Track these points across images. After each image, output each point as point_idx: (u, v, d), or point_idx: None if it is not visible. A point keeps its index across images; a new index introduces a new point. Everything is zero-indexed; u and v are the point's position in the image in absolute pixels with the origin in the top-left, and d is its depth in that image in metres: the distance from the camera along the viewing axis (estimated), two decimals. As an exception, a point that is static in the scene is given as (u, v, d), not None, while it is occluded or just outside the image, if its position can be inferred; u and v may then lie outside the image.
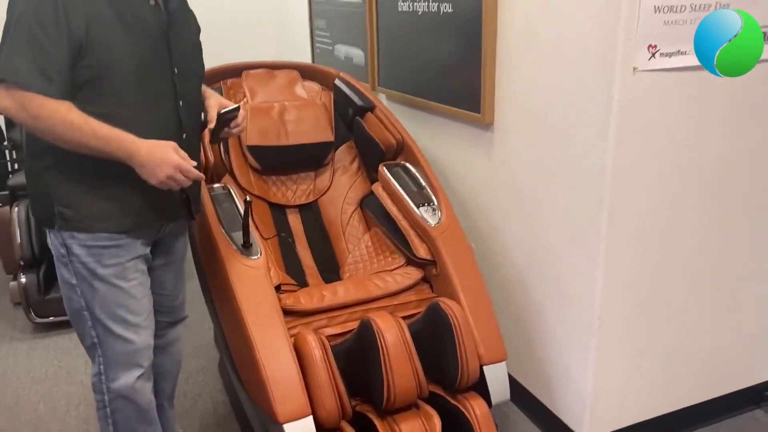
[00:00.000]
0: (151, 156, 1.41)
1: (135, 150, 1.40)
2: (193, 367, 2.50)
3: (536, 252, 2.03)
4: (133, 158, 1.41)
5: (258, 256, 1.84)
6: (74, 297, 1.54)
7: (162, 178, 1.42)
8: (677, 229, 1.86)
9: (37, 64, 1.33)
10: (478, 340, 1.85)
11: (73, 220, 1.48)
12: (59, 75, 1.36)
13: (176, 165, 1.43)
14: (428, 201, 2.12)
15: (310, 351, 1.68)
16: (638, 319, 1.89)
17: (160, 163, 1.41)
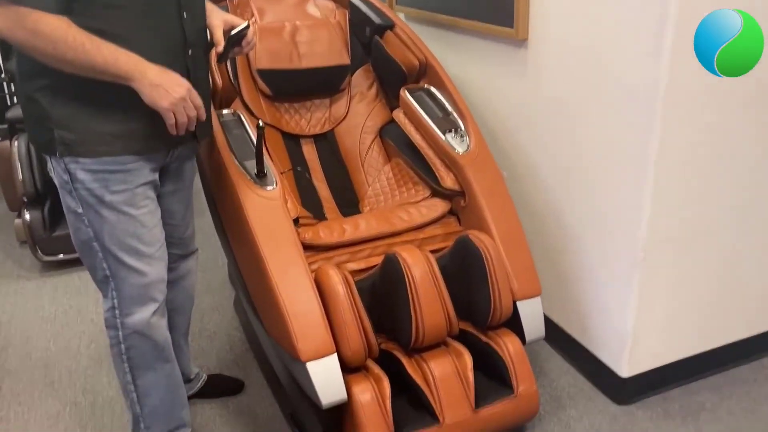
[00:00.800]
0: (162, 76, 1.31)
1: (144, 69, 1.29)
2: (207, 304, 2.41)
3: (574, 179, 1.88)
4: (143, 77, 1.29)
5: (273, 186, 1.70)
6: (82, 227, 1.42)
7: (174, 99, 1.31)
8: (732, 154, 1.70)
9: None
10: (510, 275, 1.74)
11: (74, 144, 1.35)
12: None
13: (189, 88, 1.34)
14: (455, 127, 1.97)
15: (333, 286, 1.57)
16: (685, 252, 1.76)
17: (173, 83, 1.32)
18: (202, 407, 1.87)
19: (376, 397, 1.55)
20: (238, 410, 1.87)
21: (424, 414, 1.61)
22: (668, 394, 1.92)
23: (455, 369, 1.64)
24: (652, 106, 1.55)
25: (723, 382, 1.97)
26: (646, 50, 1.53)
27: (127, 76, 1.28)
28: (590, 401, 1.90)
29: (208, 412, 1.86)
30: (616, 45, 1.61)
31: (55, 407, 1.89)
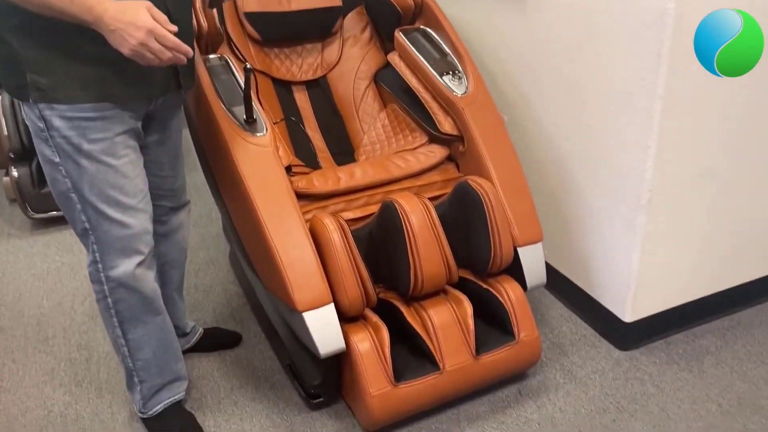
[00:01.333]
0: (118, 18, 1.17)
1: (101, 11, 1.17)
2: (202, 259, 2.37)
3: (577, 121, 1.81)
4: (99, 22, 1.17)
5: (264, 132, 1.64)
6: (59, 177, 1.35)
7: (133, 44, 1.18)
8: (743, 89, 1.62)
9: None
10: (511, 220, 1.69)
11: (48, 89, 1.27)
12: None
13: (150, 29, 1.18)
14: (453, 69, 1.89)
15: (328, 234, 1.52)
16: (692, 193, 1.70)
17: (129, 25, 1.17)
18: (200, 361, 1.85)
19: (375, 346, 1.52)
20: (236, 363, 1.85)
21: (424, 362, 1.58)
22: (672, 338, 1.89)
23: (455, 316, 1.61)
24: (659, 38, 1.47)
25: (727, 326, 1.94)
26: (654, -21, 1.44)
27: (83, 19, 1.17)
28: (593, 347, 1.87)
29: (206, 365, 1.83)
30: (622, -25, 1.53)
31: (49, 363, 1.86)
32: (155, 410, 1.59)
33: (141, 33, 1.18)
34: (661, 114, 1.53)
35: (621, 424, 1.61)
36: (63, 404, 1.71)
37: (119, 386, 1.75)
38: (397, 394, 1.51)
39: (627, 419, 1.62)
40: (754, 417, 1.62)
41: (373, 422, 1.53)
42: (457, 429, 1.60)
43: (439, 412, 1.64)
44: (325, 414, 1.66)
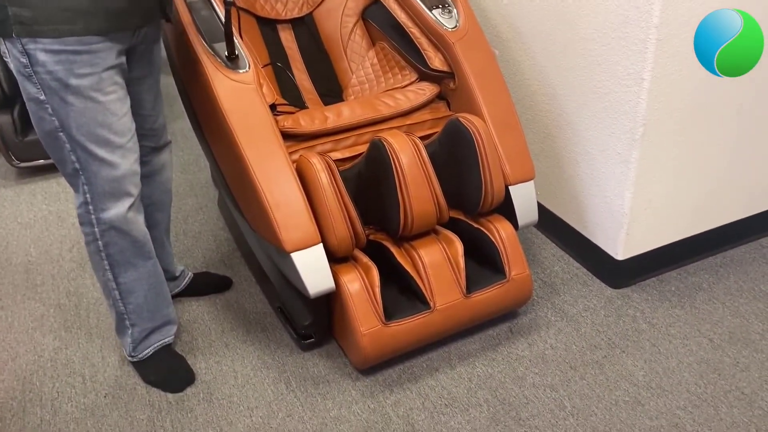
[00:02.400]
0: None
1: None
2: (191, 206, 2.33)
3: (570, 55, 1.75)
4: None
5: (246, 69, 1.58)
6: (45, 116, 1.31)
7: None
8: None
9: None
10: (503, 158, 1.66)
11: (32, 23, 1.21)
12: None
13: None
14: (442, 2, 1.83)
15: (316, 174, 1.49)
16: (686, 127, 1.67)
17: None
18: (190, 304, 1.84)
19: (364, 286, 1.51)
20: (227, 306, 1.84)
21: (414, 301, 1.57)
22: (664, 276, 1.89)
23: (445, 255, 1.59)
24: (657, -37, 1.41)
25: (720, 262, 1.94)
26: None
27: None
28: (585, 286, 1.86)
29: (196, 309, 1.83)
30: None
31: (38, 310, 1.85)
32: (145, 353, 1.58)
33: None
34: (656, 44, 1.48)
35: (612, 360, 1.61)
36: (53, 349, 1.71)
37: (109, 331, 1.75)
38: (387, 332, 1.51)
39: (618, 355, 1.63)
40: (744, 351, 1.63)
41: (364, 360, 1.53)
42: (447, 366, 1.60)
43: (430, 350, 1.65)
44: (316, 354, 1.66)
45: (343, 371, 1.60)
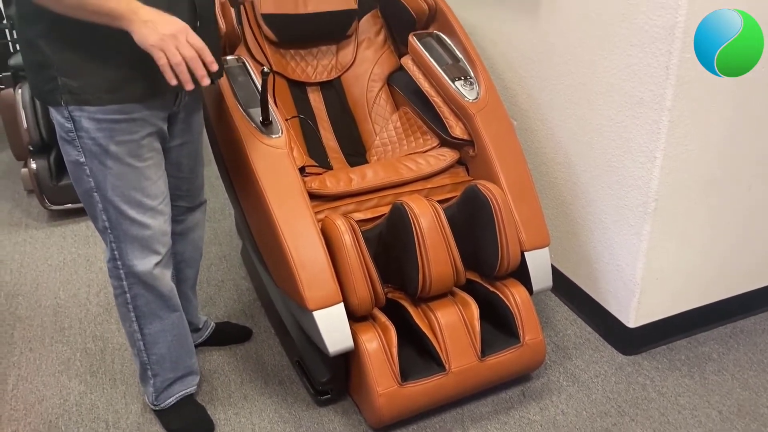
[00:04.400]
0: (156, 14, 1.20)
1: (136, 8, 1.20)
2: (214, 254, 2.41)
3: (585, 128, 1.84)
4: (135, 14, 1.19)
5: (279, 134, 1.67)
6: (83, 177, 1.39)
7: (163, 34, 1.19)
8: (748, 104, 1.64)
9: None
10: (519, 225, 1.72)
11: (79, 92, 1.30)
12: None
13: (184, 28, 1.22)
14: (465, 74, 1.92)
15: (340, 235, 1.56)
16: (697, 202, 1.73)
17: (164, 19, 1.20)
18: (211, 355, 1.89)
19: (382, 346, 1.56)
20: (246, 357, 1.89)
21: (430, 362, 1.62)
22: (675, 344, 1.92)
23: (462, 318, 1.65)
24: (668, 51, 1.49)
25: (730, 333, 1.97)
26: (665, -7, 1.47)
27: (118, 13, 1.19)
28: (596, 351, 1.90)
29: (217, 359, 1.88)
30: (634, -13, 1.55)
31: (65, 353, 1.91)
32: (167, 403, 1.63)
33: (174, 27, 1.20)
34: (668, 125, 1.56)
35: (622, 428, 1.64)
36: (78, 393, 1.76)
37: (132, 377, 1.80)
38: (403, 393, 1.55)
39: (628, 423, 1.65)
40: (753, 425, 1.65)
41: (379, 420, 1.57)
42: (460, 429, 1.64)
43: (443, 411, 1.68)
44: (332, 410, 1.70)
45: (357, 429, 1.64)
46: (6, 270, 2.34)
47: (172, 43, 1.20)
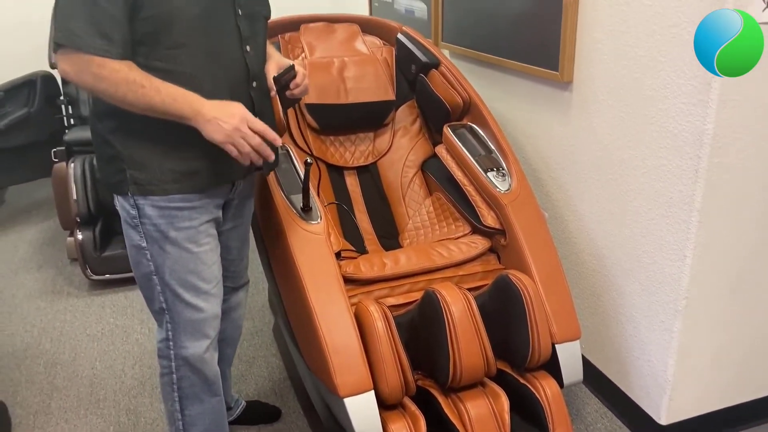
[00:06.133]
0: (216, 109, 1.32)
1: (199, 106, 1.31)
2: (247, 329, 2.46)
3: (616, 222, 1.88)
4: (199, 114, 1.31)
5: (318, 220, 1.75)
6: (143, 261, 1.47)
7: (228, 130, 1.31)
8: (778, 203, 1.68)
9: (94, 24, 1.24)
10: (550, 317, 1.74)
11: (146, 183, 1.39)
12: (118, 32, 1.27)
13: (243, 116, 1.33)
14: (497, 166, 1.99)
15: (373, 322, 1.59)
16: (728, 301, 1.73)
17: (225, 114, 1.32)
18: (240, 433, 1.91)
19: (411, 435, 1.57)
20: (275, 438, 1.91)
21: (459, 454, 1.61)
22: (708, 444, 1.88)
23: (491, 410, 1.64)
24: (697, 155, 1.55)
25: (766, 434, 1.93)
26: (694, 100, 1.53)
27: (183, 114, 1.31)
28: (627, 447, 1.87)
29: (246, 438, 1.90)
30: (663, 93, 1.62)
31: (99, 426, 1.95)
32: (198, 481, 1.65)
33: (236, 119, 1.32)
34: (698, 225, 1.59)
35: None
36: (110, 468, 1.79)
37: (163, 454, 1.83)
38: (431, 484, 1.54)
39: None
40: None
41: None
42: None
43: (471, 504, 1.66)
44: (358, 498, 1.69)
45: None
46: (47, 338, 2.42)
47: (239, 136, 1.32)
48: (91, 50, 1.25)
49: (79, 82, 1.31)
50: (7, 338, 2.41)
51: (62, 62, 1.29)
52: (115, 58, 1.27)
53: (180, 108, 1.31)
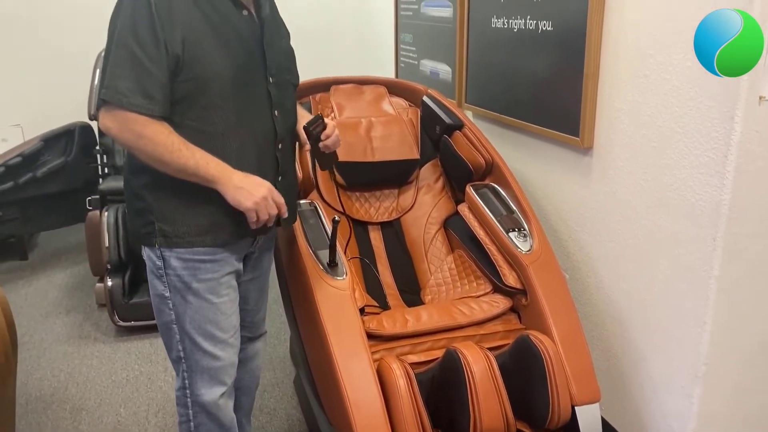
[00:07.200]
0: (246, 179, 1.45)
1: (230, 174, 1.43)
2: (268, 380, 2.49)
3: (636, 285, 1.90)
4: (228, 181, 1.43)
5: (344, 277, 1.80)
6: (165, 310, 1.54)
7: (257, 199, 1.44)
8: (797, 271, 1.70)
9: (139, 84, 1.34)
10: (570, 378, 1.75)
11: (173, 236, 1.48)
12: (161, 93, 1.37)
13: (270, 188, 1.47)
14: (518, 226, 2.03)
15: (395, 380, 1.63)
16: (749, 367, 1.74)
17: (254, 184, 1.45)
18: (259, 486, 1.93)
19: (431, 495, 1.57)
20: (294, 492, 1.92)
21: None
22: None
23: (511, 470, 1.65)
24: (714, 224, 1.59)
25: (791, 505, 1.89)
26: (711, 171, 1.58)
27: (213, 180, 1.42)
28: None
29: (265, 491, 1.91)
30: (681, 163, 1.67)
31: (122, 473, 1.98)
32: None
33: (264, 190, 1.45)
34: (716, 292, 1.62)
35: None
36: None
37: (184, 504, 1.84)
38: None
39: None
40: None
41: None
42: None
43: None
44: None
45: None
46: (73, 383, 2.47)
47: (264, 205, 1.43)
48: (135, 109, 1.35)
49: (120, 138, 1.40)
50: (35, 382, 2.47)
51: (106, 119, 1.38)
52: (156, 118, 1.37)
53: (211, 173, 1.41)
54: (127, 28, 1.35)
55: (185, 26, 1.38)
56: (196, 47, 1.40)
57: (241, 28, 1.48)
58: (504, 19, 2.32)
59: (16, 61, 3.88)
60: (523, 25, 2.21)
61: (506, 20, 2.31)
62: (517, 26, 2.24)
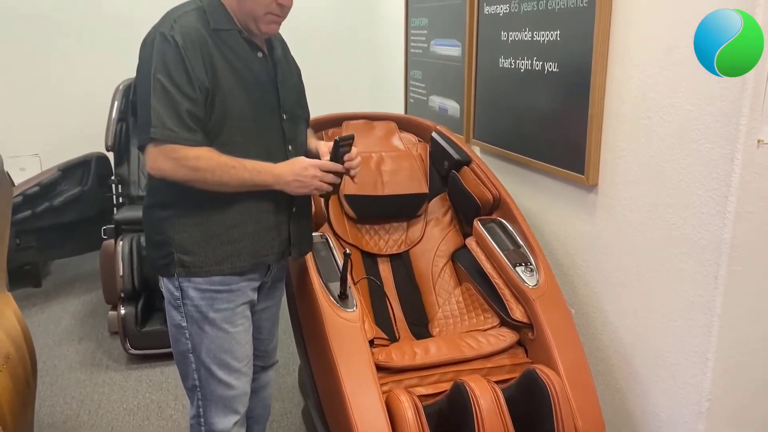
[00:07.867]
0: (292, 169, 1.55)
1: (279, 172, 1.53)
2: (277, 410, 2.51)
3: (640, 322, 1.94)
4: (280, 179, 1.53)
5: (354, 309, 1.84)
6: (182, 339, 1.58)
7: (310, 180, 1.54)
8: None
9: (181, 121, 1.42)
10: (575, 413, 1.77)
11: (191, 266, 1.53)
12: (200, 127, 1.46)
13: (312, 163, 1.57)
14: (525, 261, 2.08)
15: (403, 412, 1.66)
16: (752, 402, 1.76)
17: (302, 170, 1.55)
18: None
19: None
20: None
21: None
22: None
23: (517, 504, 1.67)
24: (716, 263, 1.62)
25: None
26: (712, 211, 1.62)
27: (268, 183, 1.52)
28: None
29: None
30: (683, 203, 1.71)
31: (132, 502, 2.00)
32: None
33: (311, 170, 1.56)
34: (719, 330, 1.65)
35: None
36: None
37: None
38: None
39: None
40: None
41: None
42: None
43: None
44: None
45: None
46: (85, 410, 2.50)
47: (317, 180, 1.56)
48: (185, 142, 1.43)
49: (176, 176, 1.46)
50: (48, 409, 2.51)
51: (158, 160, 1.45)
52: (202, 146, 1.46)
53: (264, 179, 1.52)
54: (160, 70, 1.43)
55: (209, 66, 1.46)
56: (219, 86, 1.48)
57: (256, 69, 1.56)
58: (511, 60, 2.40)
59: (35, 91, 3.99)
60: (530, 66, 2.28)
61: (513, 60, 2.38)
62: (524, 67, 2.32)
